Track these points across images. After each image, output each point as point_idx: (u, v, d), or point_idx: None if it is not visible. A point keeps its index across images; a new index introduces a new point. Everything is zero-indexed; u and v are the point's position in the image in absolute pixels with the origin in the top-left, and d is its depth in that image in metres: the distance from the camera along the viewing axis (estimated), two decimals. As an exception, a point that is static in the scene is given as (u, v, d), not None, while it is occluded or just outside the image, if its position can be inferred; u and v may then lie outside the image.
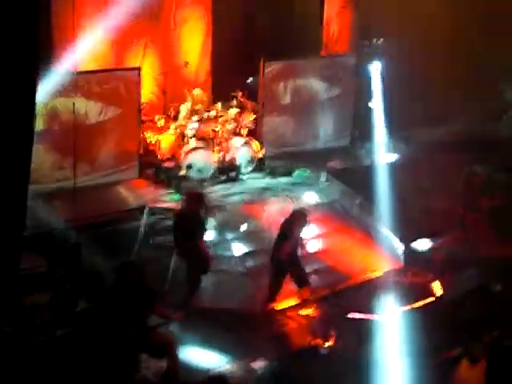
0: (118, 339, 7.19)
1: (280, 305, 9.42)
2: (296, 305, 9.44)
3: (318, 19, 13.53)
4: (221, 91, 12.43)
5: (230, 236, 10.31)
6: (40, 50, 5.34)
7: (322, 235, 10.91)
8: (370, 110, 13.07)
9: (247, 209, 10.90)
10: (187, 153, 11.29)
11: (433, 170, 12.07)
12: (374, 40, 13.05)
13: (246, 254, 10.14)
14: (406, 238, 9.62)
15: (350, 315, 8.74)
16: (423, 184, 11.82)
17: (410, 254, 10.30)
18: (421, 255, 10.63)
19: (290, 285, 9.78)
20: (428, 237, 10.70)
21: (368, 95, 13.04)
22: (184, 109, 11.76)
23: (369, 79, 12.93)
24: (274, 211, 10.81)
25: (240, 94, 12.15)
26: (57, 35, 10.85)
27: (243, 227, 10.49)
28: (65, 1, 10.68)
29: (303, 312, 9.31)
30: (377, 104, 12.84)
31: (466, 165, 11.51)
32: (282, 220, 9.21)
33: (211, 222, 9.89)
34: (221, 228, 10.28)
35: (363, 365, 7.72)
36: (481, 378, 6.90)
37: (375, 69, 12.90)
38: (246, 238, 10.38)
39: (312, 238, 10.67)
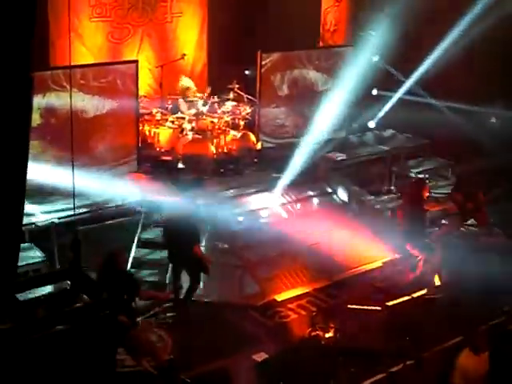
0: (115, 327, 7.19)
1: (281, 296, 9.45)
2: (296, 296, 9.46)
3: (317, 10, 13.49)
4: (218, 83, 12.39)
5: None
6: (36, 44, 5.27)
7: (321, 227, 10.93)
8: (368, 101, 13.05)
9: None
10: (185, 146, 11.27)
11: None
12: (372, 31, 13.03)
13: (245, 247, 10.14)
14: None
15: (350, 306, 8.74)
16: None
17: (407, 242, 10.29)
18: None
19: (290, 276, 9.82)
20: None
21: (368, 86, 13.01)
22: (182, 101, 11.74)
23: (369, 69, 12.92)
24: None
25: (236, 86, 12.13)
26: (52, 29, 10.83)
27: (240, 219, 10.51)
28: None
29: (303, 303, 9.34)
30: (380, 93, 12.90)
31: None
32: None
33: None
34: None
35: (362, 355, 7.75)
36: (484, 368, 6.87)
37: (375, 59, 12.94)
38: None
39: (311, 229, 10.73)
